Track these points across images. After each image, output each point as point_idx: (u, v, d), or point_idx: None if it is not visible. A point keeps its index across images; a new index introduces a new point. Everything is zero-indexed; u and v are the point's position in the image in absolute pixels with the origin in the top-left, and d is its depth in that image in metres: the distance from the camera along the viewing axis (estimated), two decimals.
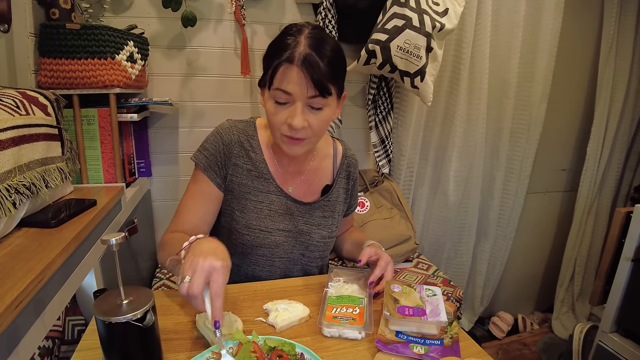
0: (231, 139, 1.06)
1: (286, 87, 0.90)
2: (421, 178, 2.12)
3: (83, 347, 0.80)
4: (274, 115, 0.95)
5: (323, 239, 1.14)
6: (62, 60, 1.35)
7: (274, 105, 0.94)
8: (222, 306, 0.71)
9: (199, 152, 1.06)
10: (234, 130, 1.07)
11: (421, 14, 1.56)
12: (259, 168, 1.07)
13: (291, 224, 1.10)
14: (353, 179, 1.21)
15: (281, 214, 1.09)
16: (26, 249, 0.87)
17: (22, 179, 0.93)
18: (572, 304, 2.53)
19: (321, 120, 0.96)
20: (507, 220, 2.30)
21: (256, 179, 1.07)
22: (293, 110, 0.92)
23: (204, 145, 1.06)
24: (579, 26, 2.19)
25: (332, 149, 1.19)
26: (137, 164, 1.75)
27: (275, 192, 1.09)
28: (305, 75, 0.89)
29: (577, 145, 2.45)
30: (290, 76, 0.89)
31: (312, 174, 1.15)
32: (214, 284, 0.70)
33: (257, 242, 1.07)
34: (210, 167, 1.05)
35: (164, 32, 1.72)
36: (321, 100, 0.93)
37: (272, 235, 1.08)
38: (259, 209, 1.07)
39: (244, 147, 1.07)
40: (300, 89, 0.90)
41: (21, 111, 0.98)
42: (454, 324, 0.88)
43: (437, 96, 1.94)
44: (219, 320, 0.70)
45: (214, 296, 0.70)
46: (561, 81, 2.18)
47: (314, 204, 1.13)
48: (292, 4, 1.81)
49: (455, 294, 1.65)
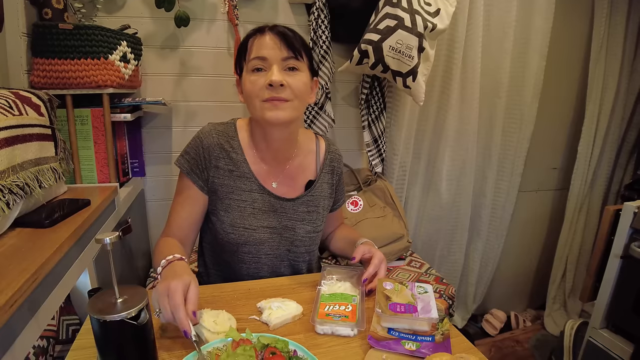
0: (211, 142, 1.08)
1: (261, 53, 0.98)
2: (414, 177, 2.14)
3: (78, 347, 0.81)
4: (253, 83, 0.99)
5: (308, 234, 1.15)
6: (55, 60, 1.35)
7: (251, 75, 1.00)
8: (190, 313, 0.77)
9: (181, 156, 1.10)
10: (214, 133, 1.09)
11: (413, 15, 1.57)
12: (240, 168, 1.10)
13: (275, 220, 1.12)
14: (338, 174, 1.23)
15: (265, 212, 1.11)
16: (20, 249, 0.87)
17: (15, 179, 0.93)
18: (564, 300, 2.56)
19: (298, 81, 1.00)
20: (500, 218, 2.31)
21: (238, 178, 1.10)
22: (270, 71, 0.98)
23: (186, 149, 1.10)
24: (570, 26, 2.21)
25: (314, 145, 1.21)
26: (130, 163, 1.75)
27: (257, 190, 1.11)
28: (277, 39, 0.98)
29: (568, 144, 2.47)
30: (263, 43, 0.99)
31: (295, 169, 1.16)
32: (188, 293, 0.79)
33: (242, 239, 1.09)
34: (192, 171, 1.08)
35: (157, 32, 1.72)
36: (295, 62, 1.00)
37: (257, 233, 1.10)
38: (242, 208, 1.10)
39: (225, 149, 1.09)
40: (274, 52, 0.98)
41: (14, 111, 0.98)
42: (445, 320, 0.89)
43: (429, 96, 1.95)
44: (187, 330, 0.75)
45: (187, 302, 0.78)
46: (552, 81, 2.20)
47: (297, 199, 1.14)
48: (285, 4, 1.81)
49: (448, 291, 1.67)
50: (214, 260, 1.21)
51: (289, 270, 1.19)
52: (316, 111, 1.81)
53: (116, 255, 1.41)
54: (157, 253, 1.02)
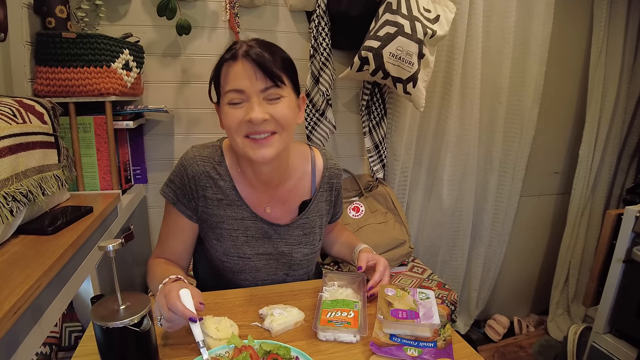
0: (196, 171, 1.00)
1: (236, 85, 0.88)
2: (415, 182, 2.14)
3: (80, 353, 0.81)
4: (230, 117, 0.90)
5: (305, 256, 1.10)
6: (58, 68, 1.36)
7: (229, 108, 0.90)
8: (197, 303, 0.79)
9: (166, 185, 1.04)
10: (199, 161, 1.01)
11: (413, 21, 1.58)
12: (229, 196, 1.02)
13: (271, 246, 1.07)
14: (337, 189, 1.16)
15: (259, 239, 1.06)
16: (23, 256, 0.88)
17: (19, 187, 0.94)
18: (567, 305, 2.55)
19: (282, 110, 0.90)
20: (502, 223, 2.31)
21: (228, 207, 1.03)
22: (249, 105, 0.88)
23: (170, 178, 1.03)
24: (569, 31, 2.22)
25: (310, 165, 1.11)
26: (133, 170, 1.76)
27: (249, 217, 1.04)
28: (252, 67, 0.87)
29: (570, 148, 2.47)
30: (237, 73, 0.87)
31: (288, 193, 1.08)
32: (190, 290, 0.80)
33: (237, 268, 1.06)
34: (179, 201, 1.02)
35: (159, 40, 1.73)
36: (276, 90, 0.89)
37: (252, 261, 1.06)
38: (235, 237, 1.04)
39: (211, 177, 1.01)
40: (251, 82, 0.87)
41: (18, 119, 0.99)
42: (447, 326, 0.89)
43: (430, 101, 1.96)
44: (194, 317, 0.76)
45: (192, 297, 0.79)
46: (552, 85, 2.21)
47: (292, 224, 1.08)
48: (286, 12, 1.83)
49: (450, 297, 1.66)
50: (210, 281, 1.17)
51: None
52: (317, 118, 1.82)
53: (118, 262, 1.41)
54: (153, 276, 0.97)
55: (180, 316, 0.76)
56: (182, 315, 0.76)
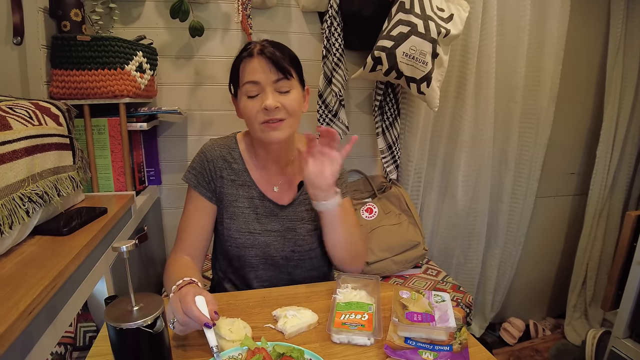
0: (214, 155, 1.15)
1: (253, 77, 1.03)
2: (429, 183, 2.12)
3: (94, 353, 0.81)
4: (249, 108, 1.05)
5: (309, 232, 1.18)
6: (73, 71, 1.37)
7: (247, 101, 1.05)
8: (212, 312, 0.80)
9: (187, 172, 1.16)
10: (216, 147, 1.16)
11: (426, 20, 1.57)
12: (241, 177, 1.16)
13: (278, 223, 1.16)
14: None
15: (267, 216, 1.16)
16: (39, 257, 0.88)
17: (35, 188, 0.95)
18: (585, 309, 2.50)
19: (292, 100, 1.05)
20: (517, 225, 2.28)
21: (240, 187, 1.15)
22: (264, 96, 1.03)
23: (192, 165, 1.17)
24: (586, 28, 2.18)
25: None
26: (146, 172, 1.77)
27: (258, 197, 1.16)
28: (266, 62, 1.02)
29: (586, 148, 2.43)
30: (253, 67, 1.03)
31: (294, 174, 1.20)
32: (205, 297, 0.82)
33: (249, 243, 1.14)
34: (199, 184, 1.14)
35: (172, 42, 1.75)
36: (286, 83, 1.05)
37: (262, 236, 1.14)
38: (246, 214, 1.15)
39: (227, 160, 1.16)
40: (265, 75, 1.03)
41: (34, 121, 1.00)
42: (463, 329, 0.87)
43: (444, 101, 1.94)
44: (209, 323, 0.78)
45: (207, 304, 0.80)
46: (569, 84, 2.17)
47: (294, 202, 1.18)
48: (298, 13, 1.83)
49: (465, 299, 1.64)
50: (226, 269, 1.23)
51: (302, 274, 1.20)
52: (330, 118, 1.82)
53: (132, 263, 1.42)
54: (168, 276, 1.02)
55: (196, 321, 0.77)
56: (198, 321, 0.76)
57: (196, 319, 0.76)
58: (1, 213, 0.82)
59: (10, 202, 0.86)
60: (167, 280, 1.00)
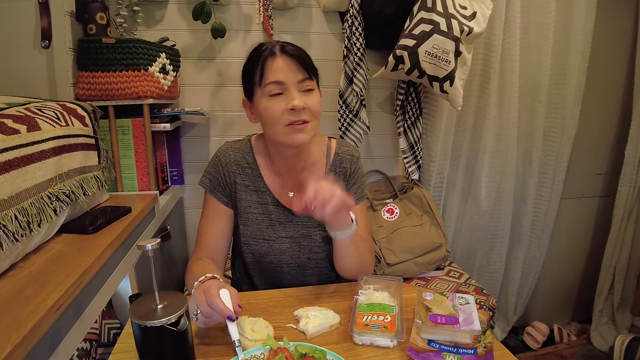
0: (228, 160, 1.12)
1: (277, 77, 0.97)
2: (452, 184, 2.09)
3: (119, 350, 0.82)
4: (272, 109, 0.98)
5: (324, 239, 1.15)
6: (99, 73, 1.40)
7: (269, 101, 0.99)
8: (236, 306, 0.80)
9: (203, 176, 1.14)
10: (230, 152, 1.13)
11: (449, 18, 1.54)
12: (255, 182, 1.13)
13: (293, 230, 1.14)
14: (349, 174, 1.16)
15: (282, 223, 1.13)
16: (66, 254, 0.90)
17: (62, 187, 0.97)
18: (612, 314, 2.42)
19: (316, 101, 1.01)
20: (541, 226, 2.23)
21: (254, 192, 1.13)
22: (289, 95, 0.98)
23: (207, 169, 1.14)
24: (613, 25, 2.12)
25: (325, 149, 1.17)
26: (170, 172, 1.79)
27: (272, 203, 1.13)
28: (291, 61, 0.98)
29: (614, 148, 2.36)
30: (277, 66, 0.98)
31: (309, 180, 1.12)
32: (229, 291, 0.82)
33: (264, 250, 1.12)
34: (215, 189, 1.12)
35: (195, 43, 1.76)
36: (310, 83, 1.00)
37: (277, 243, 1.12)
38: (260, 221, 1.13)
39: (241, 165, 1.13)
40: (290, 74, 0.98)
41: (61, 122, 1.03)
42: (487, 333, 0.86)
43: (467, 100, 1.91)
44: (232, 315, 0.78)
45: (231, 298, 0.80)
46: (595, 82, 2.11)
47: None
48: (319, 13, 1.82)
49: (488, 302, 1.61)
50: (244, 271, 1.22)
51: (315, 279, 1.18)
52: (351, 118, 1.81)
53: (155, 262, 1.44)
54: (190, 274, 1.01)
55: (219, 313, 0.77)
56: (221, 313, 0.77)
57: (220, 311, 0.76)
58: (30, 211, 0.84)
59: (39, 201, 0.88)
60: (189, 279, 1.00)
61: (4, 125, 0.82)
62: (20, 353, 0.60)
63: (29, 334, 0.62)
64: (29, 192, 0.85)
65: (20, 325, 0.63)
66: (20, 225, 0.81)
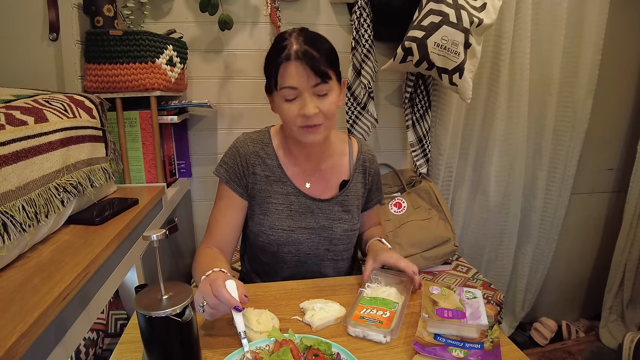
0: (246, 151, 1.13)
1: (291, 83, 0.98)
2: (461, 178, 2.07)
3: (125, 340, 0.83)
4: (287, 112, 1.02)
5: (345, 232, 1.17)
6: (106, 65, 1.40)
7: (285, 104, 1.02)
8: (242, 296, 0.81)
9: (219, 166, 1.14)
10: (249, 142, 1.14)
11: (458, 10, 1.52)
12: (275, 173, 1.14)
13: (313, 221, 1.15)
14: (371, 174, 1.23)
15: (302, 213, 1.14)
16: (73, 245, 0.91)
17: (69, 178, 0.97)
18: (622, 311, 2.40)
19: (330, 104, 1.02)
20: (551, 222, 2.20)
21: (274, 183, 1.13)
22: (302, 101, 1.00)
23: (224, 159, 1.15)
24: (627, 15, 2.08)
25: (347, 146, 1.22)
26: (177, 164, 1.80)
27: (293, 193, 1.14)
28: (304, 67, 0.97)
29: (626, 143, 2.32)
30: (291, 72, 0.98)
31: (329, 171, 1.19)
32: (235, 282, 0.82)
33: (282, 240, 1.13)
34: (231, 179, 1.12)
35: (202, 35, 1.76)
36: (324, 87, 1.00)
37: (295, 234, 1.13)
38: (280, 211, 1.13)
39: (260, 156, 1.13)
40: (303, 80, 0.98)
41: (69, 114, 1.03)
42: (494, 327, 0.85)
43: (476, 93, 1.88)
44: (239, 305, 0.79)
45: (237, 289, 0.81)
46: (608, 76, 2.07)
47: (332, 199, 1.16)
48: (327, 5, 1.81)
49: (496, 297, 1.60)
50: (255, 263, 1.24)
51: (331, 270, 1.19)
52: (359, 111, 1.79)
53: (162, 253, 1.45)
54: (198, 266, 1.02)
55: (226, 304, 0.77)
56: (228, 303, 0.77)
57: (226, 302, 0.77)
58: (38, 202, 0.85)
59: (47, 192, 0.88)
60: (197, 270, 1.01)
61: (11, 116, 0.83)
62: (26, 341, 0.60)
63: (35, 322, 0.62)
64: (37, 183, 0.86)
65: (27, 314, 0.63)
66: (28, 215, 0.81)
